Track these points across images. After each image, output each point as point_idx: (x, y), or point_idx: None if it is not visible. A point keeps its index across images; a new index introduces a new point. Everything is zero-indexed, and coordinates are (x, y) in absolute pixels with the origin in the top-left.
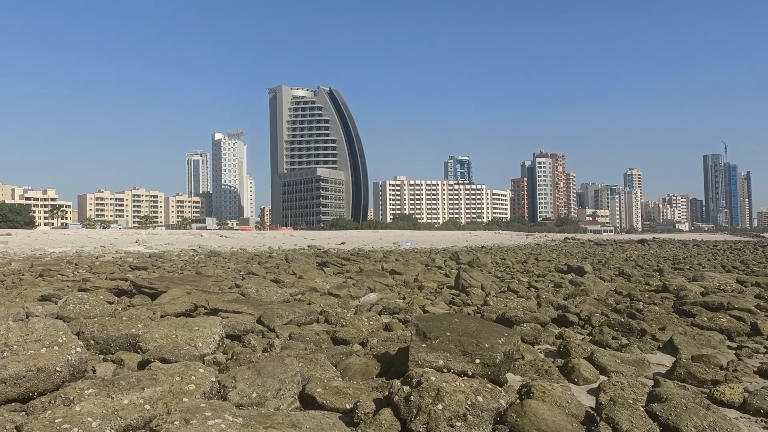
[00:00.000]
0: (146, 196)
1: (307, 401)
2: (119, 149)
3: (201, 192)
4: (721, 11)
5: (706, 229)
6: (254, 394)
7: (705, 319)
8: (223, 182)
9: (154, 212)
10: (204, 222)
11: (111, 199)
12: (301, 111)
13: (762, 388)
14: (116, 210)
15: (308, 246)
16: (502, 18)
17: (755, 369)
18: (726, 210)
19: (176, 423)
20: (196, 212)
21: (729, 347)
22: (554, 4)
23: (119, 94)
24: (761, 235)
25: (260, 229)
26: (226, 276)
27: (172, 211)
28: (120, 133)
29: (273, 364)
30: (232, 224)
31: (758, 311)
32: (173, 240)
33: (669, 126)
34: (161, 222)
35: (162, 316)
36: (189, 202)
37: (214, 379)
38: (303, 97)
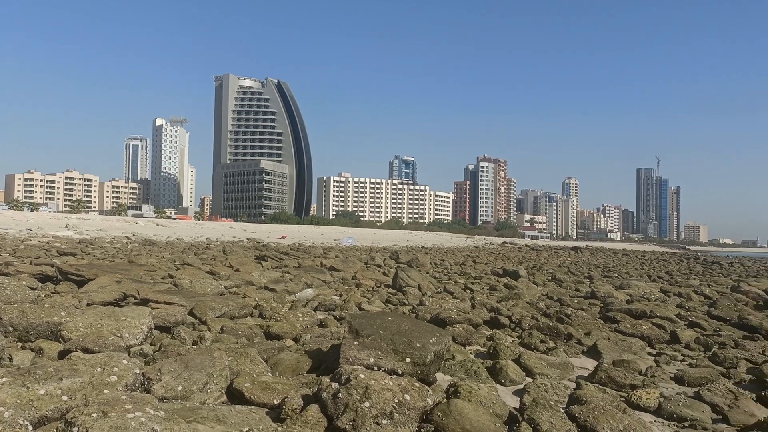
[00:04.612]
0: (80, 179)
1: (235, 396)
2: (52, 129)
3: (139, 178)
4: (661, 27)
5: (636, 239)
6: (180, 388)
7: (628, 325)
8: (162, 169)
9: (88, 197)
10: (140, 209)
11: (41, 180)
12: (248, 101)
13: (677, 393)
14: (46, 192)
15: (248, 239)
16: (452, 21)
17: (672, 375)
18: (655, 222)
19: (93, 415)
20: (133, 199)
21: (649, 353)
22: (503, 11)
23: (55, 71)
24: (687, 247)
25: (199, 219)
26: (159, 266)
27: (107, 197)
28: (53, 112)
29: (201, 357)
30: (171, 213)
31: (678, 320)
32: (106, 226)
33: (607, 138)
34: (95, 207)
35: (88, 305)
36: (125, 188)
37: (138, 371)
38: (250, 87)
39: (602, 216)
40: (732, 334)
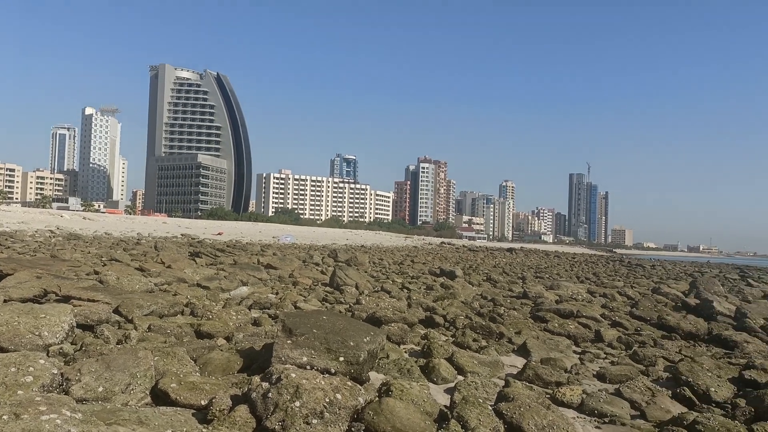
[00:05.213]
0: (1, 169)
1: (160, 397)
2: None
3: (66, 169)
4: (593, 35)
5: (568, 242)
6: (100, 389)
7: (556, 325)
8: (91, 161)
9: (9, 187)
10: (67, 202)
11: None
12: (185, 93)
13: (599, 390)
14: None
15: (182, 235)
16: (393, 17)
17: (594, 373)
18: (585, 225)
19: (5, 417)
20: (59, 191)
21: (575, 352)
22: (452, 8)
23: None
24: (613, 250)
25: (131, 214)
26: (85, 261)
27: (31, 188)
28: None
29: (125, 356)
30: (99, 206)
31: (603, 320)
32: (28, 219)
33: (543, 143)
34: (17, 199)
35: (5, 301)
36: (51, 179)
37: (56, 371)
38: (188, 79)
39: (536, 219)
40: (652, 333)
